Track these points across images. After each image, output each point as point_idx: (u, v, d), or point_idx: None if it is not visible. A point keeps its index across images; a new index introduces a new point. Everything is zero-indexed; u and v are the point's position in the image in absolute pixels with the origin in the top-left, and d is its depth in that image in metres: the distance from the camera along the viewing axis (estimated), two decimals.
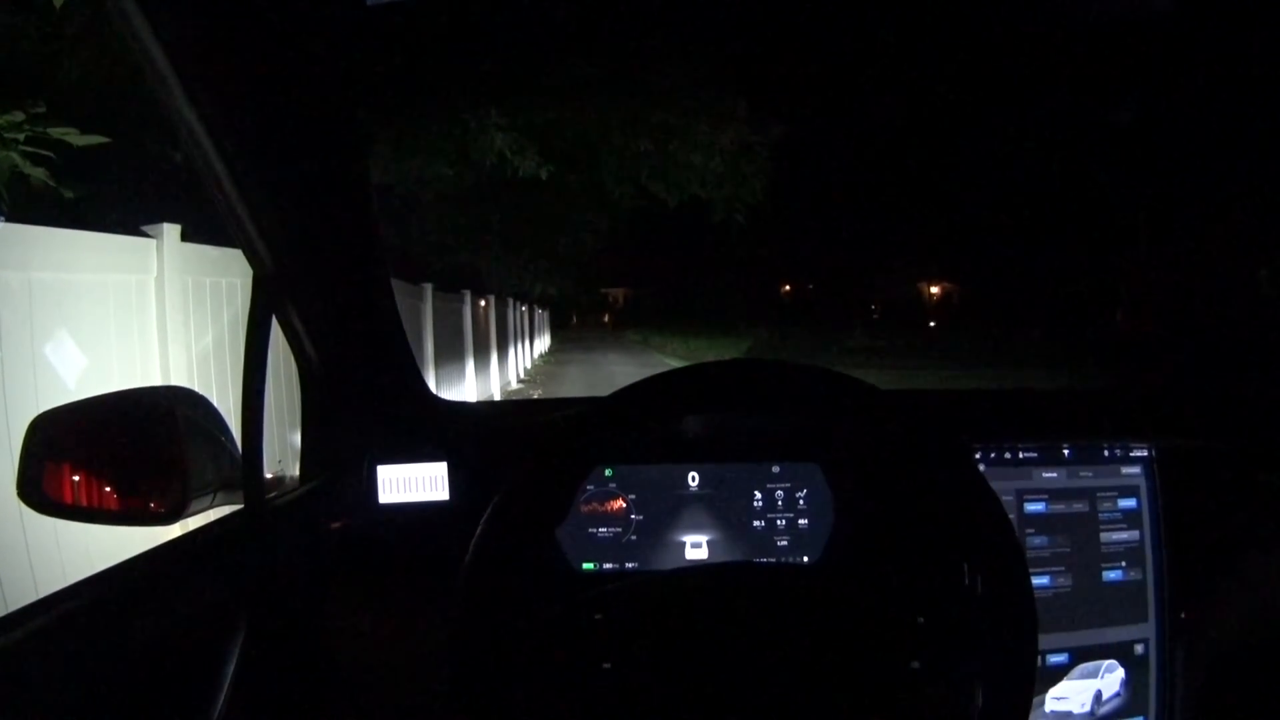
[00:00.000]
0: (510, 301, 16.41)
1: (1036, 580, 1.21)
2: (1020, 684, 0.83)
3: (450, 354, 10.01)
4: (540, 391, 14.55)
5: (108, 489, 0.99)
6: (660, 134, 10.14)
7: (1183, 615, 1.26)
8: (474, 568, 0.86)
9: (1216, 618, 1.26)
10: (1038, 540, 1.27)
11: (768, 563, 1.25)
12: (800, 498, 1.27)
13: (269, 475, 1.18)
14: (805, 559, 1.26)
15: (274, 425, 1.67)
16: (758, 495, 1.28)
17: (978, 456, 1.28)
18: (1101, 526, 1.28)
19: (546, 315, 28.41)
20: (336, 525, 1.25)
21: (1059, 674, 1.24)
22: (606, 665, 0.84)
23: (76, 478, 0.98)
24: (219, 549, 1.02)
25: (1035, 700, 1.18)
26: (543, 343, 26.26)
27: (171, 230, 3.42)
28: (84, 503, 0.98)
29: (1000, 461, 1.29)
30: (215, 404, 1.11)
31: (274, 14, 0.91)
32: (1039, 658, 0.94)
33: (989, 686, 0.83)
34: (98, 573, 0.83)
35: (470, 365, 11.19)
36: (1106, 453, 1.31)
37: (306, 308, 1.17)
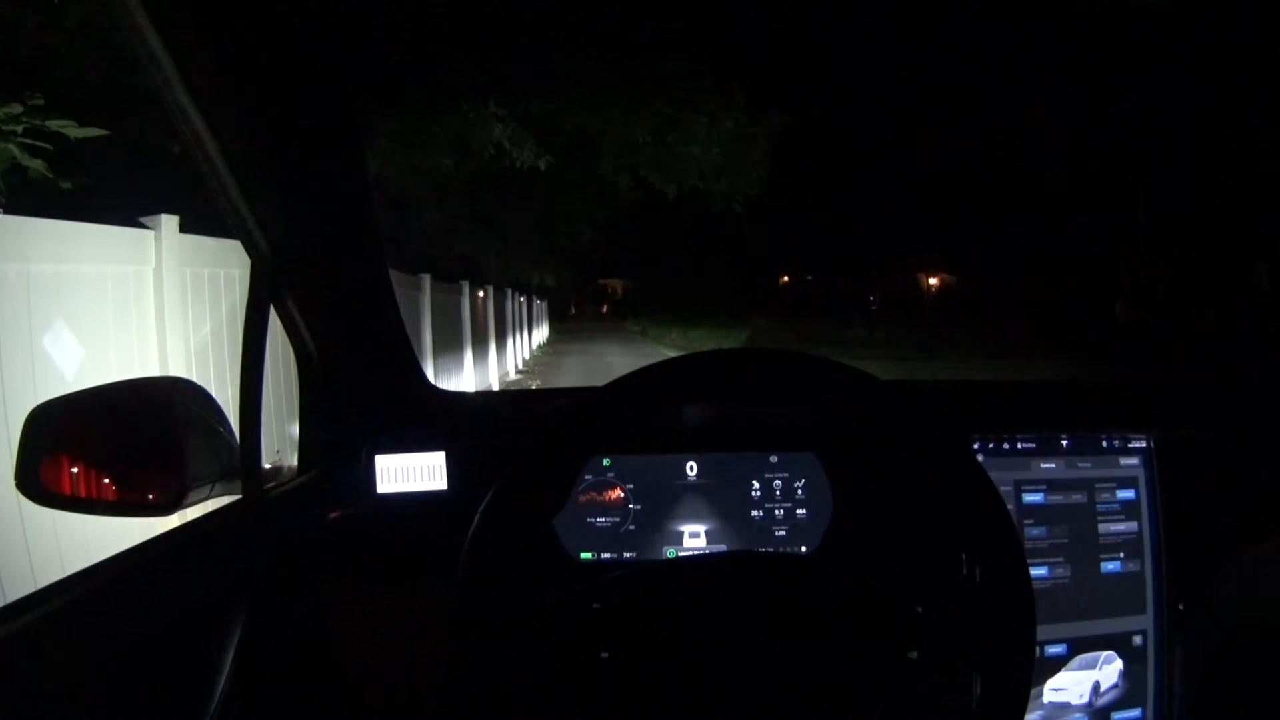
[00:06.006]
0: (509, 292, 16.40)
1: (1035, 571, 1.21)
2: (1018, 675, 0.83)
3: (448, 344, 10.00)
4: (538, 382, 14.54)
5: (106, 480, 0.99)
6: (658, 125, 10.14)
7: (1181, 607, 1.26)
8: (471, 557, 0.86)
9: (1215, 609, 1.26)
10: (1036, 531, 1.27)
11: (766, 552, 1.25)
12: (798, 487, 1.27)
13: (267, 465, 1.18)
14: (803, 549, 1.26)
15: (272, 415, 1.67)
16: (756, 485, 1.27)
17: (976, 447, 1.28)
18: (1100, 517, 1.28)
19: (545, 306, 28.39)
20: (334, 515, 1.24)
21: (1057, 665, 1.25)
22: (604, 655, 0.85)
23: (75, 469, 0.97)
24: (217, 539, 1.02)
25: (1033, 691, 1.19)
26: (541, 333, 26.23)
27: (170, 221, 3.40)
28: (82, 494, 0.98)
29: (998, 452, 1.29)
30: (213, 394, 1.11)
31: (271, 3, 0.91)
32: (1037, 649, 0.94)
33: (987, 677, 0.83)
34: (96, 563, 0.82)
35: (468, 356, 11.18)
36: (1105, 443, 1.31)
37: (304, 298, 1.16)
